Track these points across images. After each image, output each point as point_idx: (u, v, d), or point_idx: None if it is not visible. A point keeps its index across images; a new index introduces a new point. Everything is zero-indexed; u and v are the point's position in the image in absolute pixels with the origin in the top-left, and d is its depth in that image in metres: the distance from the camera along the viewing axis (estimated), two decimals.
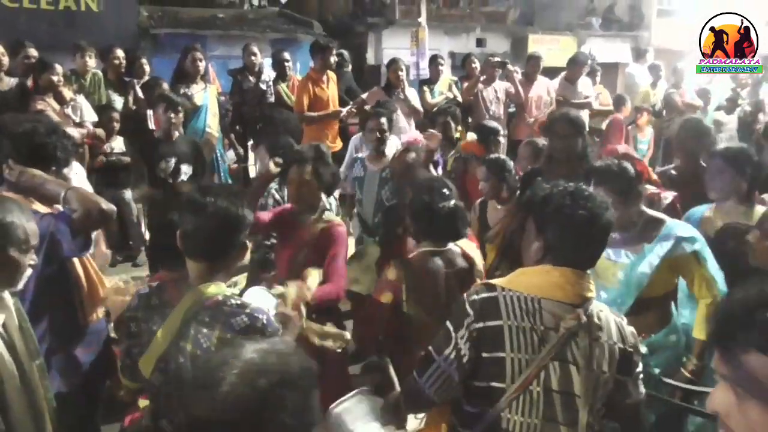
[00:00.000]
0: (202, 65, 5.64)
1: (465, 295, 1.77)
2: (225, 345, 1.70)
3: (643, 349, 2.42)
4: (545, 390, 1.66)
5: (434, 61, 7.07)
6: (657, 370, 2.50)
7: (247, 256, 2.10)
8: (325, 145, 3.29)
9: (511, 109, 6.95)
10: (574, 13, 14.38)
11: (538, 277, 1.73)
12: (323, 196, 3.10)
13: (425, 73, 7.44)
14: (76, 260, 2.58)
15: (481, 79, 6.60)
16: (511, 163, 3.73)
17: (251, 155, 6.39)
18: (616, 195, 2.47)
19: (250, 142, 6.30)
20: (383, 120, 4.21)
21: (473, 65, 7.08)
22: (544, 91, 6.90)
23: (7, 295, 1.95)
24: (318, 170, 2.99)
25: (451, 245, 2.67)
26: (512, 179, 3.66)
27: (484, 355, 1.68)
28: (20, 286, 1.97)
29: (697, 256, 2.52)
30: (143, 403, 2.16)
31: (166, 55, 8.95)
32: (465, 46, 12.86)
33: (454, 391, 1.76)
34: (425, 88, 6.85)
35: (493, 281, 1.77)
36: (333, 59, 6.02)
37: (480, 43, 13.22)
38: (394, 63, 6.13)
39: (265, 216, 3.06)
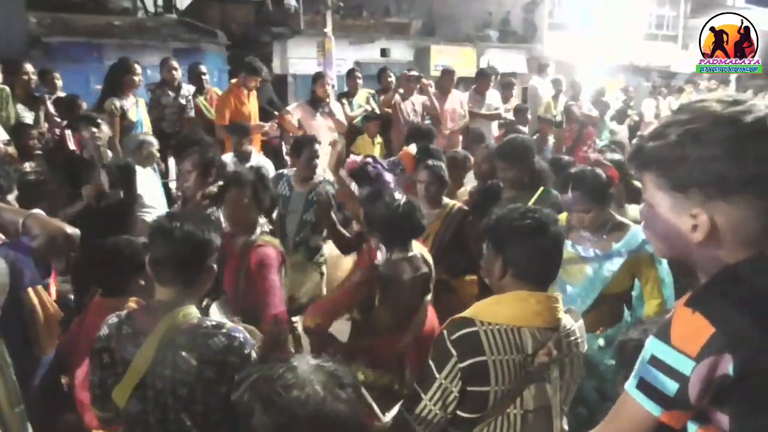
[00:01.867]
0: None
1: (444, 332, 1.84)
2: (207, 366, 1.83)
3: (601, 342, 2.81)
4: (523, 412, 1.82)
5: (352, 74, 7.35)
6: (613, 362, 2.70)
7: None
8: (265, 168, 3.36)
9: (427, 121, 7.36)
10: (473, 25, 15.21)
11: (517, 305, 1.85)
12: (262, 219, 3.09)
13: (333, 83, 7.71)
14: (30, 290, 2.57)
15: (400, 92, 6.95)
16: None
17: (171, 171, 6.36)
18: (590, 199, 2.78)
19: (171, 159, 6.27)
20: (317, 147, 4.32)
21: (389, 78, 7.44)
22: (458, 103, 7.38)
23: None
24: (257, 193, 3.01)
25: (414, 251, 2.83)
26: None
27: (470, 389, 1.79)
28: None
29: (653, 259, 2.79)
30: None
31: (59, 65, 8.62)
32: (370, 55, 13.31)
33: (443, 425, 1.87)
34: (344, 101, 7.10)
35: (469, 314, 1.86)
36: (257, 81, 6.12)
37: (384, 53, 13.71)
38: (320, 77, 6.36)
39: None
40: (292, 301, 3.60)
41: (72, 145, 5.25)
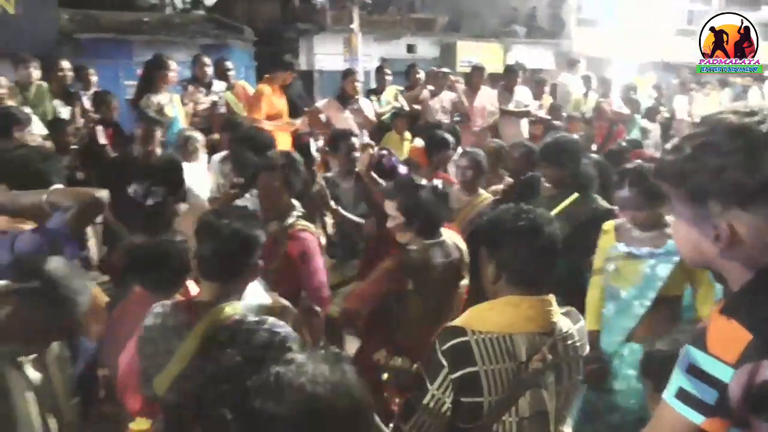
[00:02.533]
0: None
1: (436, 342, 1.82)
2: (249, 362, 1.83)
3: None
4: (518, 419, 1.79)
5: (380, 71, 7.40)
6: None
7: None
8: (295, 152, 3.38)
9: (456, 118, 7.38)
10: (499, 21, 15.15)
11: (508, 312, 1.82)
12: (296, 203, 3.12)
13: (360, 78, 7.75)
14: None
15: (430, 89, 6.98)
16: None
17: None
18: (647, 197, 2.72)
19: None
20: (353, 140, 4.37)
21: (417, 75, 7.48)
22: (487, 101, 7.39)
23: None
24: (288, 178, 3.04)
25: (445, 236, 2.83)
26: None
27: (463, 399, 1.77)
28: None
29: None
30: (139, 424, 2.27)
31: (88, 60, 8.78)
32: (395, 52, 13.34)
33: None
34: (372, 97, 7.15)
35: (460, 322, 1.84)
36: (293, 76, 6.21)
37: (410, 49, 13.73)
38: (351, 74, 6.43)
39: None
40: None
41: (102, 140, 5.37)
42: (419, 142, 4.37)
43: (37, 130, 5.26)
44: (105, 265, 3.80)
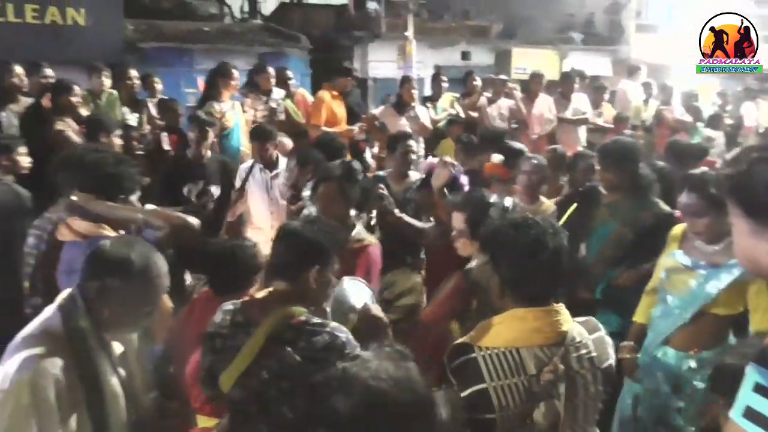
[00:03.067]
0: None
1: (445, 360, 1.81)
2: (309, 363, 1.90)
3: (693, 364, 2.68)
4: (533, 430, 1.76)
5: (436, 78, 7.46)
6: (702, 385, 2.58)
7: None
8: (356, 162, 3.44)
9: (513, 126, 7.36)
10: (555, 28, 15.01)
11: (514, 326, 1.79)
12: (353, 212, 3.16)
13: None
14: None
15: (488, 96, 6.99)
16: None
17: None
18: (707, 203, 2.59)
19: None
20: (411, 143, 4.42)
21: (474, 82, 7.50)
22: (545, 108, 7.35)
23: None
24: (344, 188, 3.06)
25: None
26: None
27: (475, 417, 1.74)
28: None
29: None
30: (207, 421, 2.37)
31: (151, 69, 9.13)
32: (450, 59, 13.37)
33: None
34: (428, 104, 7.21)
35: (468, 339, 1.82)
36: (352, 83, 6.33)
37: (465, 56, 13.74)
38: (408, 81, 6.51)
39: None
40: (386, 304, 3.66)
41: (167, 146, 5.57)
42: (497, 158, 4.38)
43: None
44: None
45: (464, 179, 4.00)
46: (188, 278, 3.94)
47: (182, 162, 4.77)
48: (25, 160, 3.93)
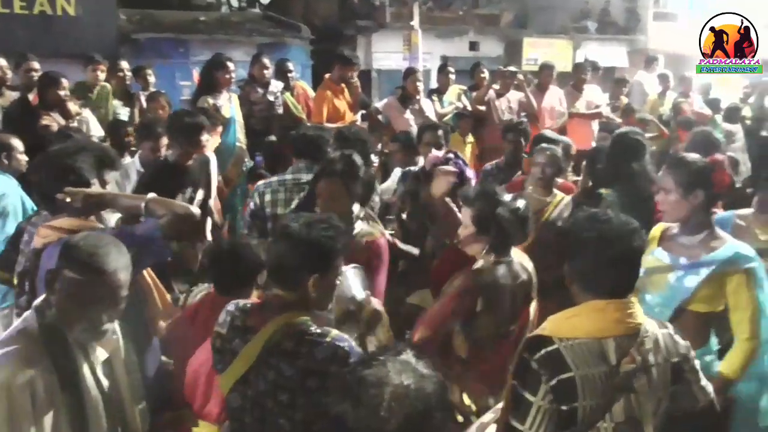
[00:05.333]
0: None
1: (524, 354, 1.86)
2: (310, 375, 1.89)
3: None
4: (614, 425, 1.83)
5: (443, 69, 7.40)
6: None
7: None
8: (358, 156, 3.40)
9: (523, 119, 7.30)
10: (569, 16, 14.94)
11: (595, 316, 1.87)
12: (357, 207, 3.13)
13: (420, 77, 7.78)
14: (144, 272, 2.71)
15: (495, 88, 6.94)
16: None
17: None
18: (678, 180, 2.67)
19: (258, 156, 6.50)
20: (440, 132, 4.43)
21: (482, 74, 7.44)
22: (556, 101, 7.30)
23: (116, 326, 2.02)
24: (347, 183, 3.03)
25: (513, 257, 2.80)
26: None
27: (562, 407, 1.80)
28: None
29: (750, 275, 2.57)
30: (204, 428, 2.36)
31: (146, 60, 9.14)
32: (458, 49, 13.34)
33: None
34: (434, 97, 7.15)
35: (545, 332, 1.88)
36: (353, 72, 6.28)
37: (473, 46, 13.71)
38: (412, 72, 6.45)
39: None
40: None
41: None
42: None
43: (95, 131, 5.50)
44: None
45: (470, 172, 3.96)
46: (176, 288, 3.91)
47: (166, 169, 4.26)
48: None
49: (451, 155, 4.10)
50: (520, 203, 2.82)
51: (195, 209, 2.51)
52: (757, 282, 2.59)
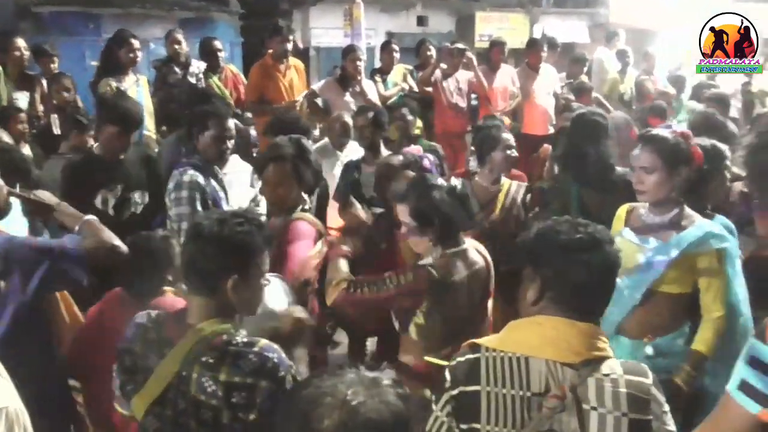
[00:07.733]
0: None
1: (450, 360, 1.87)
2: (236, 390, 1.84)
3: (649, 351, 2.82)
4: None
5: (386, 47, 7.38)
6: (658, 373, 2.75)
7: None
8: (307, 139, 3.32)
9: (474, 102, 7.33)
10: None
11: (528, 331, 1.80)
12: (305, 197, 3.16)
13: (363, 57, 7.71)
14: None
15: (442, 68, 6.93)
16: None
17: None
18: (657, 156, 2.79)
19: None
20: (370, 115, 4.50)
21: (429, 52, 7.43)
22: (508, 80, 7.34)
23: None
24: (298, 169, 3.04)
25: (465, 244, 2.79)
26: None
27: (462, 426, 1.74)
28: None
29: (721, 256, 2.75)
30: None
31: (50, 38, 8.80)
32: (405, 25, 13.29)
33: None
34: (377, 78, 7.13)
35: (482, 340, 1.84)
36: (289, 46, 6.18)
37: (421, 21, 13.66)
38: (352, 51, 6.41)
39: None
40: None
41: (57, 130, 5.30)
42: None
43: None
44: None
45: (427, 162, 3.91)
46: None
47: (91, 161, 4.02)
48: None
49: (427, 159, 4.01)
50: (455, 182, 2.85)
51: (120, 244, 2.52)
52: (729, 261, 2.79)
